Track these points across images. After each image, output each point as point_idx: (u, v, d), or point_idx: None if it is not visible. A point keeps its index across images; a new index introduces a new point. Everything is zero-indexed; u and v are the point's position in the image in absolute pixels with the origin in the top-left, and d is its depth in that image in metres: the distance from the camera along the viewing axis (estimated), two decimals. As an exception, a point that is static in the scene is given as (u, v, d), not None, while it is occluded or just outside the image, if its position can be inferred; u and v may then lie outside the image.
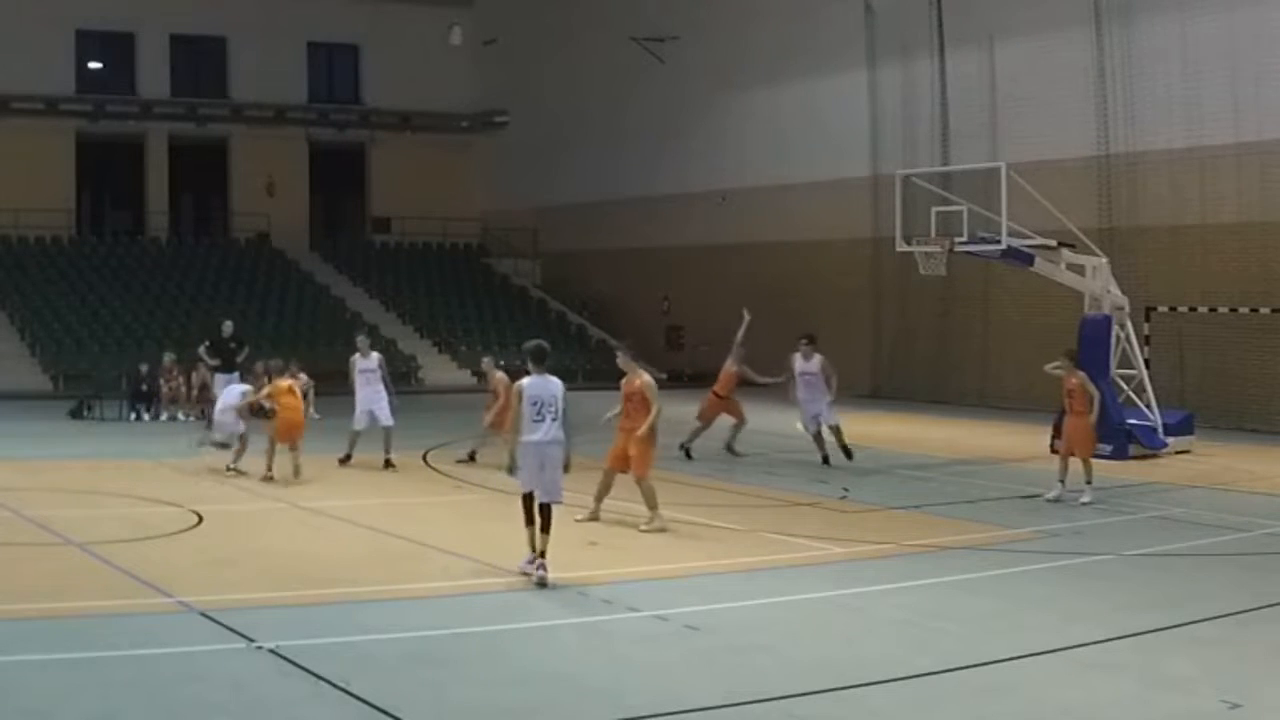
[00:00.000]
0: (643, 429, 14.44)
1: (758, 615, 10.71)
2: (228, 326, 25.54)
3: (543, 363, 11.95)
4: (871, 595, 11.38)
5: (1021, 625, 10.45)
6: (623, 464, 14.59)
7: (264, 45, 43.64)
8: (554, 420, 11.68)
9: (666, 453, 18.74)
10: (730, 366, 21.01)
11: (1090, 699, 8.53)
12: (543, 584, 11.31)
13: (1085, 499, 16.47)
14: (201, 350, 25.50)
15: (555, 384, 11.87)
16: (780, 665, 9.24)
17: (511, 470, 11.79)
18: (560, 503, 11.80)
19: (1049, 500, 16.47)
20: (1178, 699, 8.58)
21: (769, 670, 9.13)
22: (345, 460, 19.22)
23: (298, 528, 14.46)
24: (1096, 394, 17.03)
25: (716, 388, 21.09)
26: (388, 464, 19.17)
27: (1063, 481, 16.66)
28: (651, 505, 14.34)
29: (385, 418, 19.46)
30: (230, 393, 19.36)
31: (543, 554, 11.49)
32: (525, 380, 11.85)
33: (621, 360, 15.35)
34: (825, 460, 19.69)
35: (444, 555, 12.87)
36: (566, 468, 11.83)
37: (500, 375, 19.29)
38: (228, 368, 24.63)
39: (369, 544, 13.46)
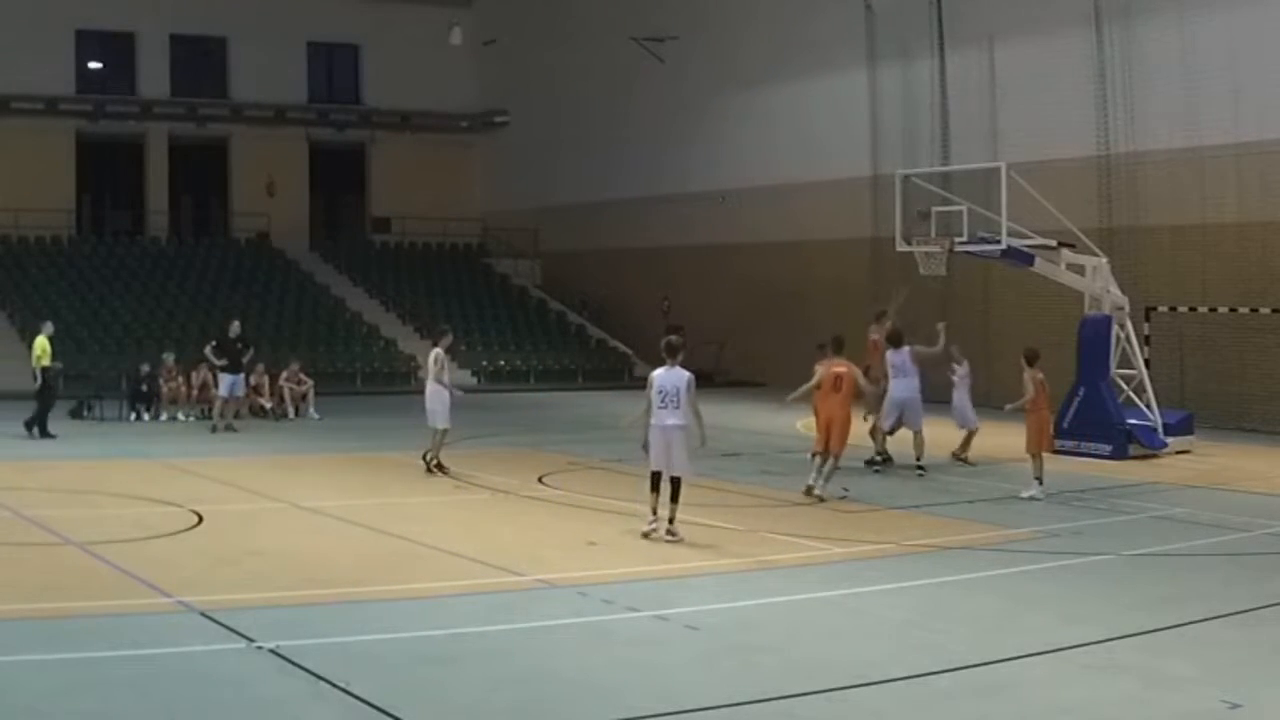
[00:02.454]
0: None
1: (758, 615, 10.71)
2: (235, 327, 25.53)
3: (674, 356, 13.67)
4: (871, 595, 11.37)
5: (1021, 625, 10.45)
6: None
7: (264, 45, 43.67)
8: (676, 407, 13.35)
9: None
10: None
11: (1090, 699, 8.52)
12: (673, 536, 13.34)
13: (1025, 494, 16.76)
14: (208, 350, 25.52)
15: (679, 375, 13.54)
16: (780, 665, 9.24)
17: (646, 448, 13.66)
18: (681, 476, 13.48)
19: (1024, 499, 16.65)
20: (1178, 699, 8.58)
21: (769, 670, 9.13)
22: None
23: (298, 528, 14.47)
24: (1030, 394, 17.25)
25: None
26: (440, 466, 18.50)
27: (1038, 479, 16.88)
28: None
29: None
30: None
31: (671, 520, 13.42)
32: (657, 371, 13.73)
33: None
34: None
35: (444, 555, 12.88)
36: (701, 443, 13.64)
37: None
38: (234, 368, 24.63)
39: (369, 544, 13.46)
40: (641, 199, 40.37)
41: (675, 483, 13.51)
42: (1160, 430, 21.75)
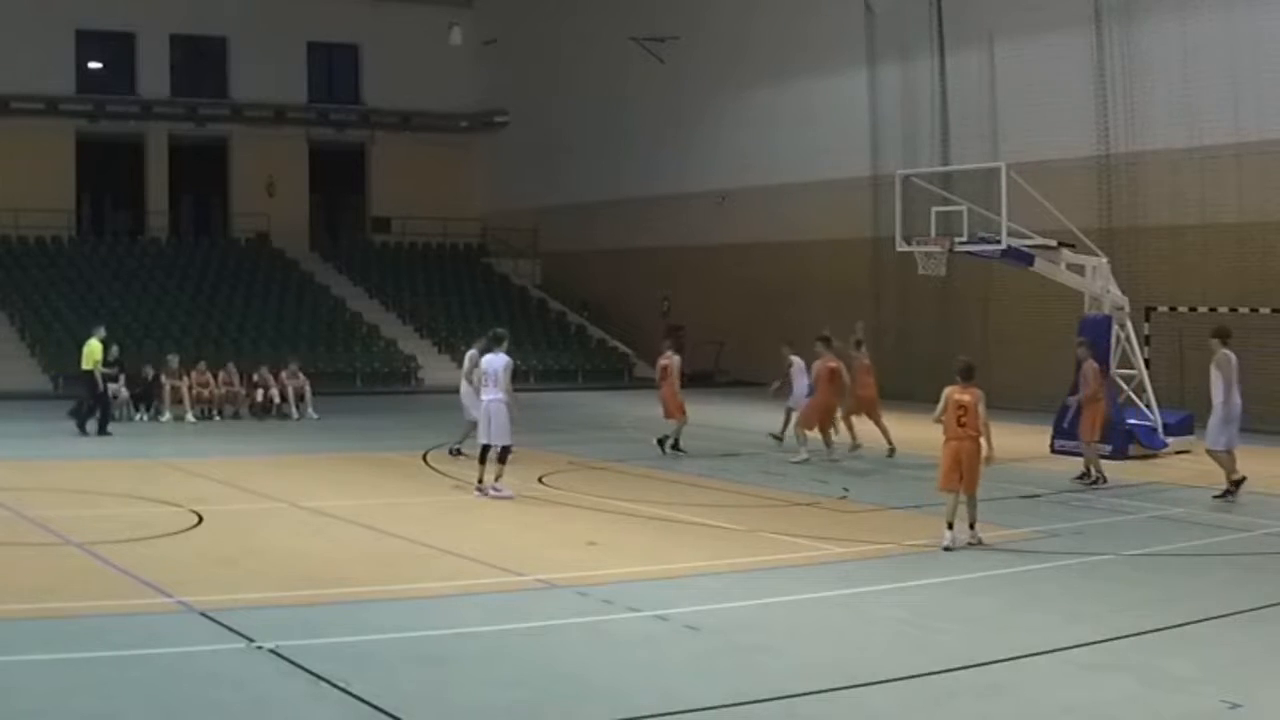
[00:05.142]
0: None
1: (758, 615, 10.71)
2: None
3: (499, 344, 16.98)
4: (871, 595, 11.37)
5: (1021, 625, 10.44)
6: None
7: (264, 45, 43.68)
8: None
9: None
10: None
11: (1090, 699, 8.52)
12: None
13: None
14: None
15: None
16: (780, 665, 9.24)
17: None
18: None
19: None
20: (1178, 699, 8.58)
21: (769, 670, 9.13)
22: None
23: (298, 528, 14.46)
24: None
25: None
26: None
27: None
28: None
29: None
30: None
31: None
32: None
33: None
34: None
35: (444, 555, 12.88)
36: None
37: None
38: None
39: (369, 544, 13.46)
40: (641, 199, 40.37)
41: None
42: (1160, 430, 21.73)
